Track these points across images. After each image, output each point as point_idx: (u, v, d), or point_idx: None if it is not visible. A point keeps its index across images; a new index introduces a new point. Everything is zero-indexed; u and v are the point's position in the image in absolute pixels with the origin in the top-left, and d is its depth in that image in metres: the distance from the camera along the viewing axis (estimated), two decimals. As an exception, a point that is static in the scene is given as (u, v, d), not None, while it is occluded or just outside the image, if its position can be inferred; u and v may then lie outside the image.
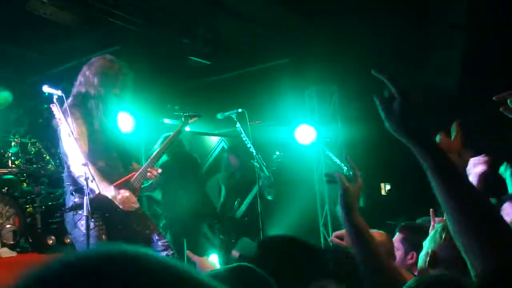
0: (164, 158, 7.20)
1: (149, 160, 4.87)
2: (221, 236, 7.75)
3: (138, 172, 4.74)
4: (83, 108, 4.64)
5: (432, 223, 3.67)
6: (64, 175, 4.65)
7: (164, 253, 4.65)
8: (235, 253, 4.73)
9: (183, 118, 5.32)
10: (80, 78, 4.78)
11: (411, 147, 1.77)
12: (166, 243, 4.75)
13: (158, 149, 4.98)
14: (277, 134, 9.24)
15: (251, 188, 7.70)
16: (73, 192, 4.47)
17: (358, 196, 2.44)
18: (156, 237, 4.73)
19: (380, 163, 8.96)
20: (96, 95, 4.65)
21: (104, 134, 4.72)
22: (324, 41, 8.24)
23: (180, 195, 7.59)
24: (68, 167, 4.50)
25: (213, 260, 6.79)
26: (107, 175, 4.53)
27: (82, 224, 4.37)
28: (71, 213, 4.51)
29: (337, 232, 2.86)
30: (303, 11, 7.75)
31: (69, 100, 4.65)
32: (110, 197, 4.38)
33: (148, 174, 4.76)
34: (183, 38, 7.93)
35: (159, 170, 4.86)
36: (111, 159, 4.73)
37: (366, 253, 2.28)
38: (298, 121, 9.03)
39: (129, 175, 4.70)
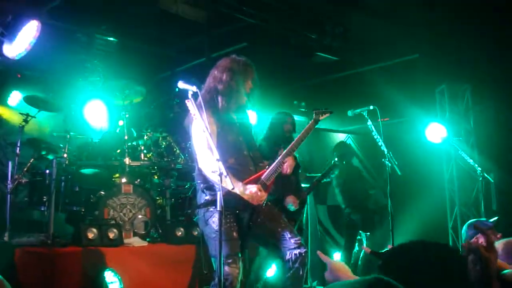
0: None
1: (279, 158, 4.79)
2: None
3: (268, 170, 4.68)
4: (213, 106, 4.65)
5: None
6: (195, 173, 4.66)
7: (296, 251, 4.56)
8: (366, 249, 4.63)
9: (314, 115, 5.15)
10: (209, 78, 4.80)
11: None
12: (298, 241, 4.64)
13: (288, 148, 4.86)
14: (406, 132, 8.96)
15: None
16: (204, 190, 4.49)
17: (496, 263, 2.18)
18: (288, 235, 4.63)
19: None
20: (226, 91, 4.65)
21: (234, 132, 4.72)
22: (456, 36, 7.87)
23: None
24: (198, 164, 4.54)
25: (336, 258, 6.68)
26: (237, 173, 4.50)
27: (213, 221, 4.37)
28: (202, 210, 4.53)
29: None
30: (435, 6, 7.43)
31: (201, 96, 4.70)
32: (238, 192, 4.37)
33: (285, 165, 4.76)
34: (310, 34, 7.85)
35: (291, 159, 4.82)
36: (241, 157, 4.69)
37: None
38: (428, 119, 8.70)
39: (260, 173, 4.65)
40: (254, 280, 6.29)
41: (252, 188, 4.43)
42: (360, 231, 8.03)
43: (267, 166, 4.74)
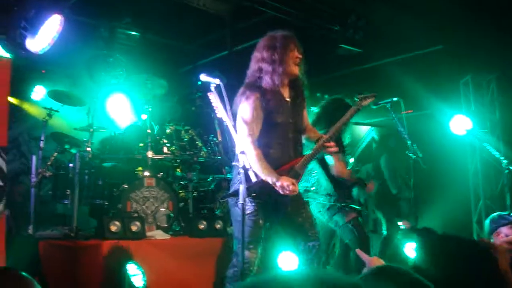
0: None
1: (316, 146, 4.68)
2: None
3: (303, 159, 4.61)
4: (260, 87, 4.56)
5: None
6: (236, 152, 4.56)
7: (311, 243, 4.57)
8: (406, 223, 4.68)
9: (356, 100, 4.92)
10: (252, 62, 4.69)
11: None
12: (314, 233, 4.65)
13: (326, 136, 4.71)
14: (430, 124, 8.85)
15: None
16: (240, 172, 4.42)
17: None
18: (307, 226, 4.65)
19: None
20: (270, 68, 4.53)
21: (285, 112, 4.62)
22: (480, 27, 7.74)
23: None
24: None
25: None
26: (277, 160, 4.51)
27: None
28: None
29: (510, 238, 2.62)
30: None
31: (246, 81, 4.65)
32: (270, 182, 4.34)
33: (328, 149, 4.65)
34: (333, 26, 7.79)
35: (334, 144, 4.69)
36: (285, 141, 4.61)
37: None
38: (452, 110, 8.58)
39: (295, 161, 4.59)
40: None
41: (285, 181, 4.35)
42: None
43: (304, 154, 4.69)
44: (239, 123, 4.43)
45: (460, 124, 8.29)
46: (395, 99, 5.93)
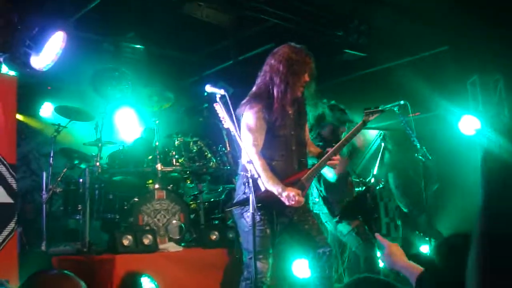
0: None
1: (322, 159, 4.68)
2: None
3: (309, 171, 4.61)
4: (267, 98, 4.55)
5: None
6: (241, 162, 4.54)
7: (321, 250, 4.56)
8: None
9: (363, 115, 4.84)
10: (265, 67, 4.67)
11: None
12: (323, 240, 4.65)
13: (332, 149, 4.70)
14: (438, 125, 8.80)
15: None
16: (246, 183, 4.29)
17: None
18: (314, 233, 4.64)
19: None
20: (282, 84, 4.51)
21: (287, 126, 4.61)
22: (485, 26, 7.70)
23: None
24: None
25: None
26: (281, 171, 4.50)
27: (248, 216, 4.33)
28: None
29: None
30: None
31: (254, 89, 4.64)
32: (276, 193, 4.33)
33: (329, 162, 4.65)
34: (336, 31, 7.77)
35: (339, 157, 4.70)
36: (288, 153, 4.61)
37: None
38: (460, 111, 8.53)
39: (300, 173, 4.59)
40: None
41: (291, 192, 4.34)
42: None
43: (310, 167, 4.68)
44: (244, 132, 4.44)
45: (469, 124, 8.25)
46: (402, 102, 5.91)
